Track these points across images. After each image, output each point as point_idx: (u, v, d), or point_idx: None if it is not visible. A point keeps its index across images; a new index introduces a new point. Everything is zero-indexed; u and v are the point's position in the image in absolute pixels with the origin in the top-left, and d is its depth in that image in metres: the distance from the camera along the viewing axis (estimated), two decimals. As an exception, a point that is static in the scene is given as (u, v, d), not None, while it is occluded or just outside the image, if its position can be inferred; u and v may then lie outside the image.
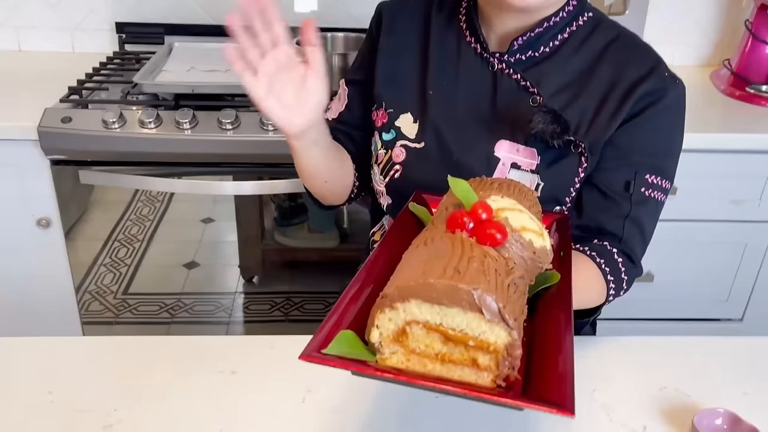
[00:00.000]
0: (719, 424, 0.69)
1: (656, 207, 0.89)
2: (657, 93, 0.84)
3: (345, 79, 1.03)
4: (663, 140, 0.87)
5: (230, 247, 2.09)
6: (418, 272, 0.53)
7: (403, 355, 0.54)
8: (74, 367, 0.77)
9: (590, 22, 0.89)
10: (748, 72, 1.82)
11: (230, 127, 1.45)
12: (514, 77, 0.87)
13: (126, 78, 1.67)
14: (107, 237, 2.08)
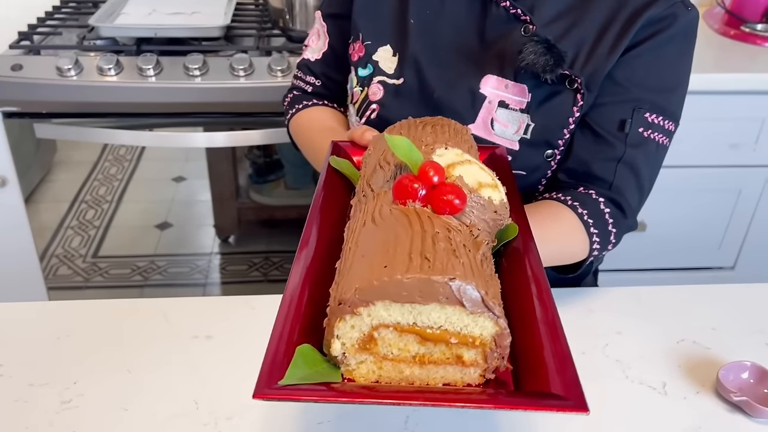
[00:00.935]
0: (746, 378, 0.63)
1: (657, 151, 0.79)
2: (665, 20, 0.75)
3: (322, 12, 0.93)
4: (668, 74, 0.78)
5: (204, 206, 2.02)
6: (378, 266, 0.44)
7: (373, 364, 0.46)
8: (29, 336, 0.68)
9: None
10: (743, 10, 1.74)
11: (198, 74, 1.34)
12: (503, 4, 0.78)
13: (81, 22, 1.54)
14: (73, 198, 1.98)
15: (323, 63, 0.93)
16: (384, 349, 0.46)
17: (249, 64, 1.35)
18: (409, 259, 0.43)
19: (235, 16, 1.54)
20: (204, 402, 0.61)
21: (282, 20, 1.52)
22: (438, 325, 0.45)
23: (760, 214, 1.68)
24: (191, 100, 1.36)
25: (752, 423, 0.61)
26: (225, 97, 1.37)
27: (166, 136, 1.49)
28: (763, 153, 1.59)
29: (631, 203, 0.80)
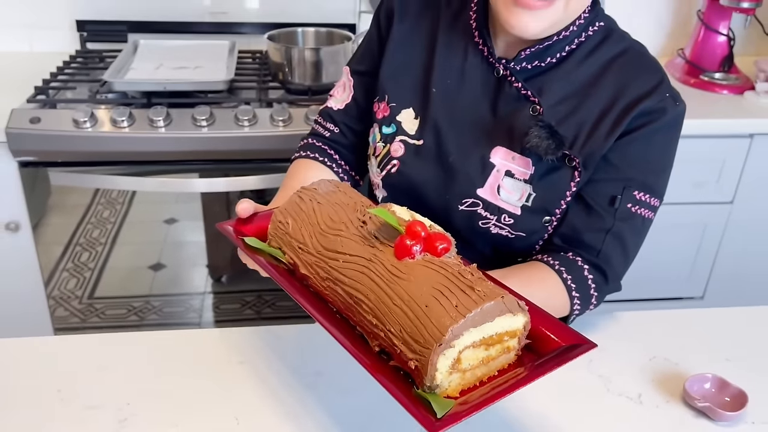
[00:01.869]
0: (708, 388, 0.74)
1: (642, 224, 0.87)
2: (656, 112, 0.83)
3: (350, 68, 1.01)
4: (656, 158, 0.86)
5: (196, 247, 2.07)
6: (450, 308, 0.55)
7: (459, 378, 0.57)
8: (80, 364, 0.76)
9: (601, 31, 0.87)
10: (702, 60, 1.90)
11: (205, 124, 1.44)
12: (515, 85, 0.86)
13: (92, 77, 1.64)
14: (68, 241, 2.03)
15: (345, 113, 1.01)
16: (466, 364, 0.57)
17: (253, 115, 1.46)
18: (467, 295, 0.56)
19: (236, 69, 1.66)
20: (243, 417, 0.69)
21: (281, 73, 1.63)
22: (497, 331, 0.58)
23: (725, 247, 1.81)
24: (199, 148, 1.46)
25: (715, 426, 0.71)
26: (230, 146, 1.47)
27: (171, 182, 1.58)
28: (724, 191, 1.73)
29: (616, 269, 0.88)
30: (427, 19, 0.94)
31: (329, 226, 0.68)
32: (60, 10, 1.87)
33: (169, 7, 1.91)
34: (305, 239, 0.68)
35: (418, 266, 0.59)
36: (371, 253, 0.63)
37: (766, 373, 0.81)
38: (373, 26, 0.99)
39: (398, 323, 0.57)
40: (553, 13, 0.79)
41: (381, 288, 0.59)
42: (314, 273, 0.66)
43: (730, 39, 1.88)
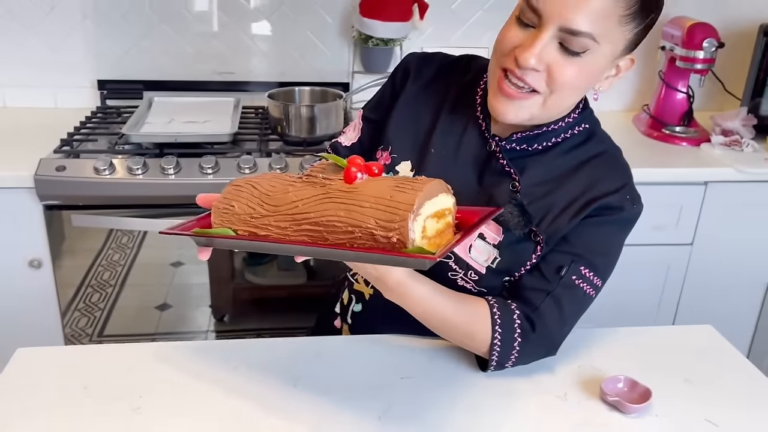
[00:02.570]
0: (621, 387, 0.88)
1: (583, 297, 0.95)
2: (615, 208, 0.93)
3: (362, 114, 1.12)
4: (605, 244, 0.95)
5: (200, 289, 2.18)
6: (411, 191, 0.72)
7: (427, 244, 0.73)
8: (101, 366, 0.92)
9: (585, 132, 0.97)
10: (664, 115, 2.09)
11: (210, 172, 1.62)
12: (501, 162, 0.96)
13: (111, 130, 1.84)
14: (80, 283, 2.17)
15: (350, 150, 1.10)
16: (429, 233, 0.74)
17: (253, 163, 1.64)
18: (416, 182, 0.74)
19: (240, 123, 1.85)
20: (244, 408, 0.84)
21: (280, 127, 1.82)
22: (441, 206, 0.76)
23: (688, 285, 1.95)
24: (204, 193, 1.63)
25: (623, 417, 0.85)
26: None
27: (176, 223, 1.74)
28: (683, 233, 1.88)
29: (549, 329, 0.93)
30: (439, 86, 1.03)
31: (274, 191, 0.79)
32: (83, 72, 2.09)
33: (181, 68, 2.12)
34: (255, 209, 0.78)
35: (367, 182, 0.76)
36: (325, 189, 0.77)
37: (670, 376, 0.96)
38: (389, 81, 1.09)
39: (372, 218, 0.71)
40: (530, 106, 0.89)
41: (347, 203, 0.74)
42: (274, 228, 0.77)
43: (689, 96, 2.07)
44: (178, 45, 2.10)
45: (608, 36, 0.84)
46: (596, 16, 0.81)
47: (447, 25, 2.16)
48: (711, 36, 1.92)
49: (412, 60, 1.07)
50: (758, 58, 2.01)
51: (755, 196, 1.86)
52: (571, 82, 0.86)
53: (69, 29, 2.04)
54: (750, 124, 1.97)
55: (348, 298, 1.14)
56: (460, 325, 0.90)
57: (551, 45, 0.84)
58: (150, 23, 2.06)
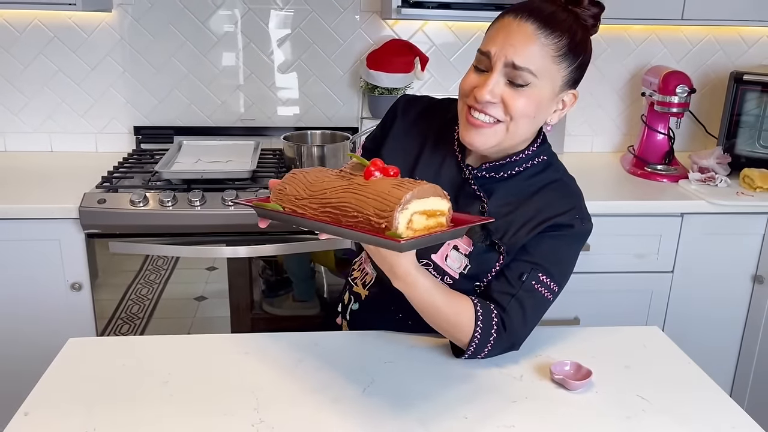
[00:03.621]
0: (568, 370, 1.05)
1: (542, 300, 1.10)
2: (566, 226, 1.10)
3: (363, 144, 1.36)
4: (559, 255, 1.11)
5: (221, 322, 2.32)
6: (405, 189, 0.89)
7: (411, 234, 0.89)
8: (184, 360, 1.11)
9: (543, 163, 1.15)
10: (646, 155, 2.26)
11: (232, 204, 1.84)
12: (473, 187, 1.15)
13: (145, 169, 2.07)
14: (111, 315, 2.34)
15: None
16: (416, 226, 0.90)
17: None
18: (414, 184, 0.91)
19: (259, 162, 2.07)
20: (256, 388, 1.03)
21: (294, 165, 2.04)
22: (433, 207, 0.92)
23: (672, 310, 2.08)
24: (226, 222, 1.84)
25: (567, 393, 1.02)
26: (252, 221, 1.83)
27: (203, 249, 1.95)
28: (664, 262, 2.03)
29: (515, 328, 1.08)
30: (424, 124, 1.23)
31: (316, 180, 1.00)
32: (121, 119, 2.35)
33: (208, 116, 2.37)
34: (299, 192, 1.00)
35: (380, 180, 0.94)
36: (348, 182, 0.96)
37: (612, 363, 1.12)
38: (382, 120, 1.31)
39: (372, 207, 0.89)
40: (496, 134, 1.07)
41: (358, 194, 0.92)
42: (309, 208, 0.97)
43: (670, 137, 2.25)
44: (206, 95, 2.35)
45: (546, 72, 1.04)
46: (532, 56, 1.02)
47: (445, 75, 2.40)
48: (683, 83, 2.11)
49: (401, 102, 1.28)
50: (730, 102, 2.19)
51: (727, 227, 2.01)
52: (523, 110, 1.05)
53: (110, 82, 2.31)
54: (724, 162, 2.13)
55: (348, 298, 1.33)
56: (449, 316, 1.05)
57: (501, 81, 1.04)
58: (181, 76, 2.32)
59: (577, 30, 1.05)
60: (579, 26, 1.06)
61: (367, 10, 2.31)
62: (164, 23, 2.26)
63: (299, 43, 2.33)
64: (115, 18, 2.24)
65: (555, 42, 1.02)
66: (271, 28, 2.31)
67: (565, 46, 1.03)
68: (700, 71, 2.45)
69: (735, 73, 2.18)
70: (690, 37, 2.43)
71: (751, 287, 2.08)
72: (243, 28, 2.29)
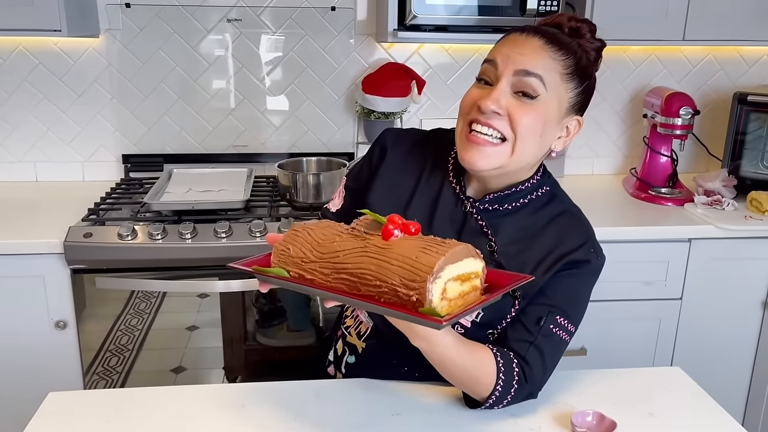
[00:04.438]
0: (590, 420, 0.98)
1: (560, 343, 1.04)
2: (581, 263, 1.04)
3: (345, 182, 1.24)
4: (576, 295, 1.06)
5: (214, 352, 2.22)
6: (434, 254, 0.79)
7: (447, 306, 0.80)
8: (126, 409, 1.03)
9: (547, 194, 1.09)
10: (650, 177, 2.21)
11: (224, 236, 1.76)
12: (480, 222, 1.06)
13: (134, 199, 1.99)
14: (99, 347, 2.25)
15: (336, 216, 1.21)
16: (450, 294, 0.81)
17: (263, 228, 1.77)
18: (443, 246, 0.81)
19: (252, 191, 2.00)
20: None
21: (288, 194, 1.97)
22: (467, 271, 0.83)
23: (681, 338, 2.02)
24: (219, 256, 1.77)
25: (592, 446, 0.95)
26: (245, 253, 1.75)
27: (195, 284, 1.87)
28: (672, 288, 1.97)
29: (535, 375, 1.02)
30: (416, 157, 1.15)
31: (324, 240, 0.89)
32: (109, 147, 2.27)
33: (199, 142, 2.30)
34: (306, 254, 0.89)
35: (401, 241, 0.84)
36: (364, 243, 0.86)
37: (636, 410, 1.05)
38: (368, 155, 1.20)
39: (398, 275, 0.79)
40: (500, 154, 1.00)
41: (379, 259, 0.82)
42: (319, 273, 0.87)
43: (673, 159, 2.20)
44: (197, 122, 2.28)
45: (554, 87, 0.99)
46: (543, 66, 0.98)
47: (442, 98, 2.34)
48: (687, 104, 2.06)
49: (388, 136, 1.19)
50: (734, 124, 2.15)
51: (736, 252, 1.95)
52: (530, 125, 0.99)
53: (97, 109, 2.23)
54: (730, 185, 2.08)
55: (342, 349, 1.22)
56: (469, 369, 0.98)
57: (508, 93, 0.99)
58: (171, 102, 2.25)
59: (582, 55, 1.02)
60: (584, 53, 1.03)
61: (361, 33, 2.26)
62: (153, 48, 2.20)
63: (292, 67, 2.27)
64: (103, 44, 2.18)
65: (563, 59, 0.99)
66: (263, 52, 2.25)
67: (572, 66, 1.00)
68: (701, 91, 2.41)
69: (738, 94, 2.14)
70: (690, 57, 2.39)
71: (761, 313, 2.02)
72: (234, 53, 2.24)
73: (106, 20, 2.15)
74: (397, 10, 1.96)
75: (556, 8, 1.93)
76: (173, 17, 2.18)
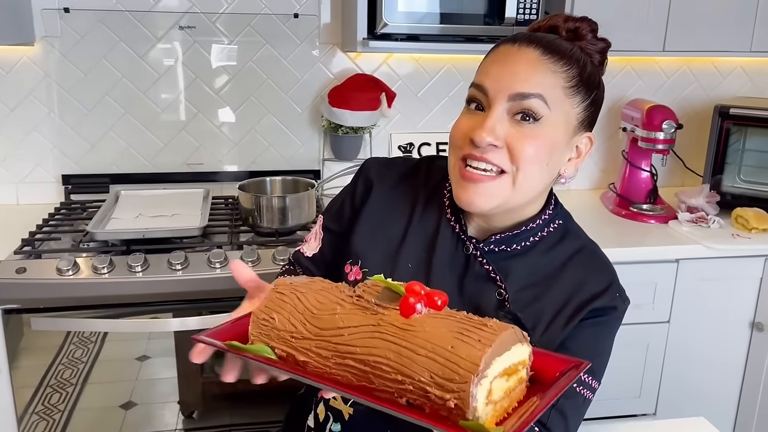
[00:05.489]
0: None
1: (583, 403, 0.92)
2: (608, 309, 0.91)
3: (323, 223, 1.08)
4: (601, 346, 0.93)
5: (167, 384, 2.09)
6: (474, 342, 0.61)
7: (492, 410, 0.62)
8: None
9: (560, 229, 0.95)
10: (630, 193, 2.13)
11: (180, 268, 1.57)
12: (486, 267, 0.92)
13: (75, 227, 1.78)
14: (38, 384, 2.06)
15: (312, 262, 1.06)
16: (496, 396, 0.63)
17: (224, 257, 1.60)
18: (484, 330, 0.63)
19: (210, 214, 1.82)
20: None
21: (251, 218, 1.80)
22: (513, 361, 0.65)
23: (668, 363, 1.93)
24: (173, 290, 1.58)
25: None
26: (203, 287, 1.59)
27: (145, 322, 1.67)
28: (660, 311, 1.88)
29: None
30: (405, 192, 1.01)
31: (320, 309, 0.70)
32: (47, 166, 2.06)
33: (149, 160, 2.11)
34: (297, 327, 0.69)
35: (426, 319, 0.65)
36: (376, 320, 0.66)
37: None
38: (350, 190, 1.05)
39: (427, 370, 0.61)
40: (500, 190, 0.86)
41: (399, 345, 0.63)
42: (316, 355, 0.67)
43: (653, 174, 2.12)
44: (146, 138, 2.09)
45: (558, 104, 0.86)
46: (542, 83, 0.84)
47: (414, 112, 2.20)
48: (669, 118, 1.98)
49: (372, 168, 1.04)
50: (715, 137, 2.08)
51: (724, 272, 1.88)
52: (533, 154, 0.85)
53: (33, 125, 2.02)
54: (713, 201, 2.01)
55: (324, 414, 1.05)
56: None
57: (504, 119, 0.85)
58: (117, 116, 2.05)
59: (587, 61, 0.89)
60: (588, 58, 0.90)
61: (326, 42, 2.11)
62: (97, 58, 2.00)
63: (251, 77, 2.10)
64: (39, 52, 1.97)
65: (565, 70, 0.86)
66: (219, 62, 2.08)
67: (576, 76, 0.87)
68: (676, 103, 2.35)
69: (720, 107, 2.07)
70: (665, 68, 2.33)
71: (749, 334, 1.95)
72: (187, 62, 2.05)
73: (42, 27, 1.95)
74: (366, 18, 1.81)
75: (535, 16, 1.82)
76: (119, 23, 1.99)
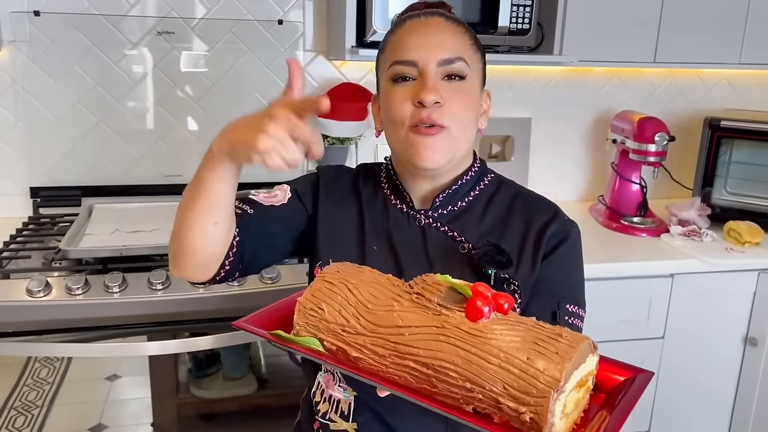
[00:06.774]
0: None
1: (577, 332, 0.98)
2: (563, 233, 0.99)
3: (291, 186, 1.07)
4: (574, 273, 1.00)
5: (140, 404, 2.02)
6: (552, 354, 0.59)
7: (564, 423, 0.60)
8: None
9: (494, 181, 1.06)
10: (620, 206, 2.10)
11: (161, 287, 1.48)
12: (441, 230, 1.00)
13: (46, 243, 1.67)
14: (1, 406, 1.95)
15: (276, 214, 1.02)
16: (569, 408, 0.60)
17: (208, 276, 1.51)
18: (560, 342, 0.60)
19: (190, 231, 1.72)
20: None
21: (234, 234, 1.71)
22: (586, 373, 0.62)
23: (663, 380, 1.90)
24: (152, 312, 1.49)
25: None
26: (184, 308, 1.50)
27: (120, 346, 1.57)
28: (654, 327, 1.84)
29: None
30: (351, 193, 1.07)
31: (375, 304, 0.67)
32: (13, 178, 1.94)
33: (123, 171, 2.00)
34: (349, 321, 0.66)
35: (495, 325, 0.62)
36: (440, 321, 0.63)
37: None
38: (306, 179, 1.08)
39: (500, 381, 0.58)
40: (448, 143, 0.95)
41: (468, 351, 0.60)
42: (371, 352, 0.64)
43: (643, 187, 2.09)
44: (121, 148, 1.99)
45: (471, 61, 0.98)
46: (459, 47, 0.97)
47: (401, 122, 2.14)
48: (661, 130, 1.96)
49: (322, 171, 1.11)
50: (705, 150, 2.07)
51: (718, 286, 1.85)
52: (466, 108, 0.96)
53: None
54: (705, 214, 1.99)
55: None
56: None
57: (439, 80, 0.95)
58: (89, 125, 1.95)
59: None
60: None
61: (311, 50, 2.04)
62: (68, 64, 1.89)
63: (232, 85, 2.01)
64: (5, 57, 1.86)
65: (464, 32, 0.99)
66: (200, 69, 1.99)
67: (473, 36, 1.00)
68: (663, 114, 2.32)
69: (710, 119, 2.06)
70: (652, 80, 2.31)
71: (742, 349, 1.93)
72: (165, 69, 1.96)
73: (10, 30, 1.84)
74: (355, 26, 1.75)
75: (528, 25, 1.78)
76: (92, 28, 1.89)
